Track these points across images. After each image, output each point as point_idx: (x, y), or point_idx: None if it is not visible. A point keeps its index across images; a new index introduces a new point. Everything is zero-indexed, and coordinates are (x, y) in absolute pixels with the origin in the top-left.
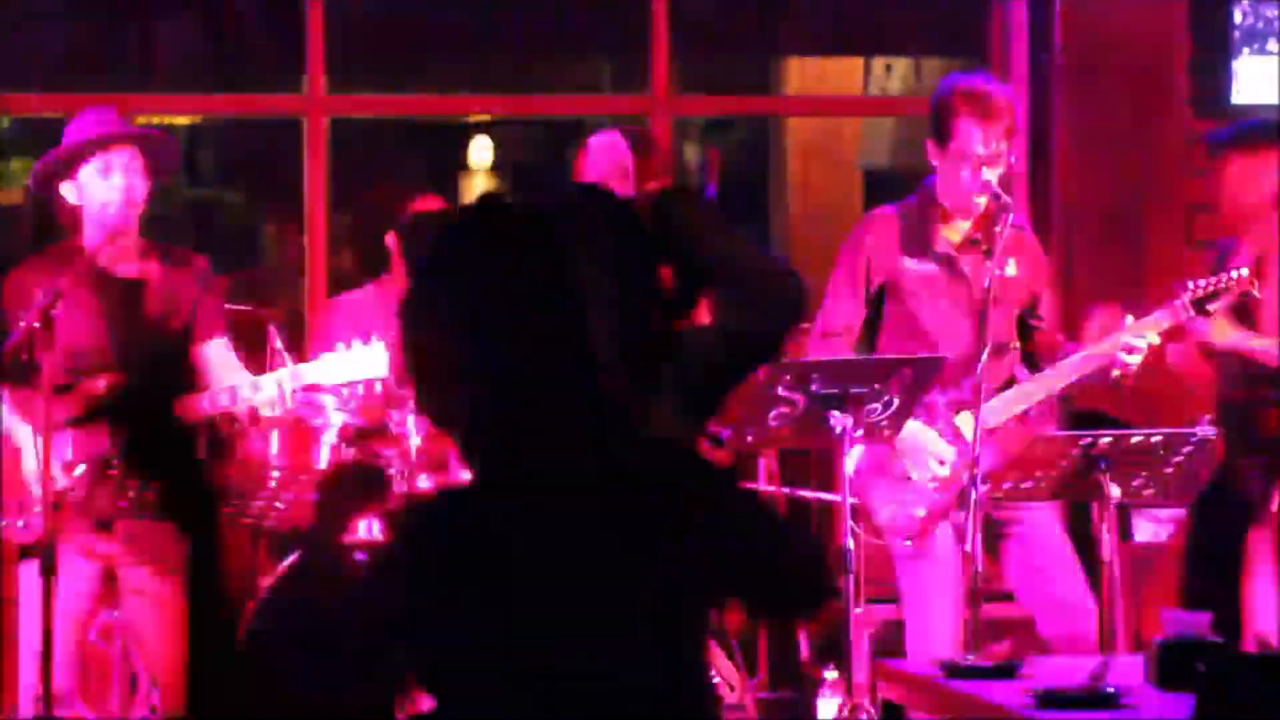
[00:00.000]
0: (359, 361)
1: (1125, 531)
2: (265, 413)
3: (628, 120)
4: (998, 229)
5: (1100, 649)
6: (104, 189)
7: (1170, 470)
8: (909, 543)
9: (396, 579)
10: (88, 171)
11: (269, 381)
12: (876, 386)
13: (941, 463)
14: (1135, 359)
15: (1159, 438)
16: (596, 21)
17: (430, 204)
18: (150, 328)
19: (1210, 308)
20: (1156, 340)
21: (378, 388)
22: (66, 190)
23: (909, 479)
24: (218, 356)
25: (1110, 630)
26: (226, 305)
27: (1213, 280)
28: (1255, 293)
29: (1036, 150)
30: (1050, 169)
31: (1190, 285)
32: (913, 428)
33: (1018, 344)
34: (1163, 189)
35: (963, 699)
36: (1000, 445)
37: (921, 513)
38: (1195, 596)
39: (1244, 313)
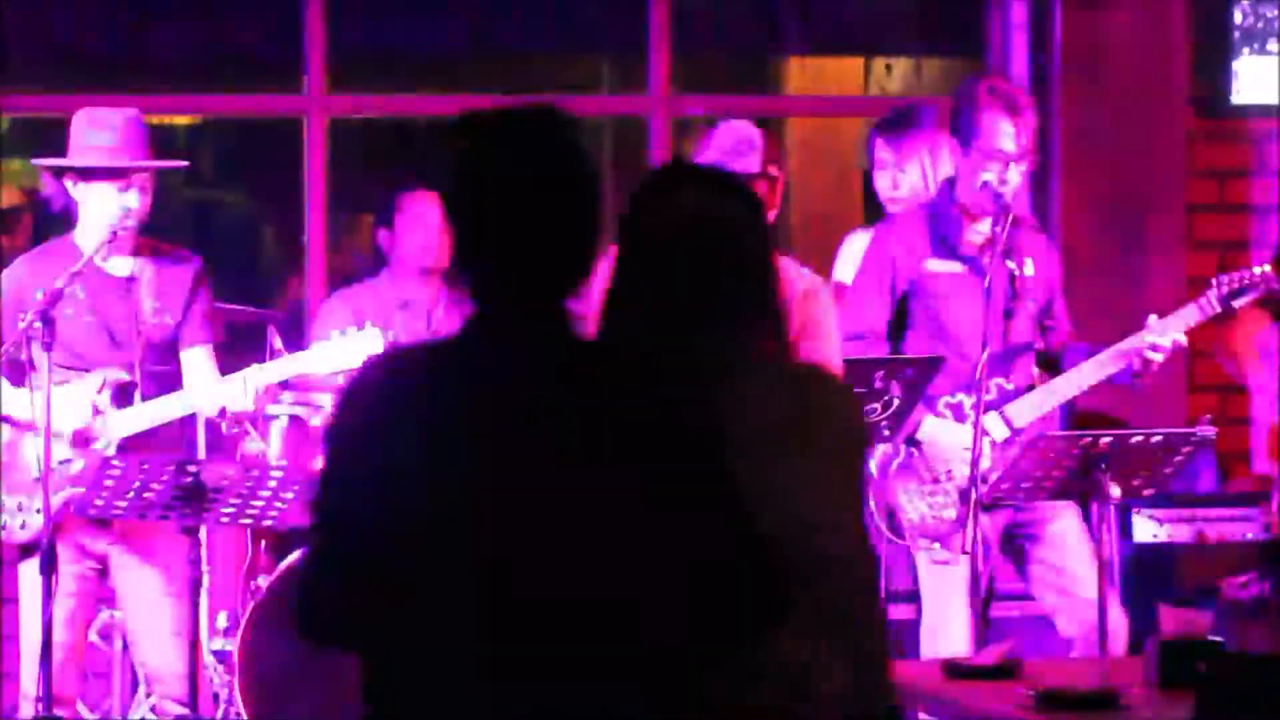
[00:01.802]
0: (355, 348)
1: (1125, 531)
2: (234, 410)
3: (628, 120)
4: (997, 229)
5: (1100, 649)
6: (119, 202)
7: (1170, 470)
8: (937, 546)
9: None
10: (105, 185)
11: (234, 380)
12: (877, 386)
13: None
14: (1159, 357)
15: (1159, 438)
16: (596, 21)
17: (424, 200)
18: (144, 325)
19: (1237, 303)
20: (1183, 339)
21: None
22: (74, 188)
23: (937, 481)
24: (196, 364)
25: (1110, 630)
26: (225, 305)
27: (1239, 275)
28: None
29: (1037, 148)
30: (1050, 169)
31: (1215, 281)
32: (941, 429)
33: (1041, 344)
34: (1163, 189)
35: (963, 699)
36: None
37: (951, 514)
38: None
39: (1273, 306)
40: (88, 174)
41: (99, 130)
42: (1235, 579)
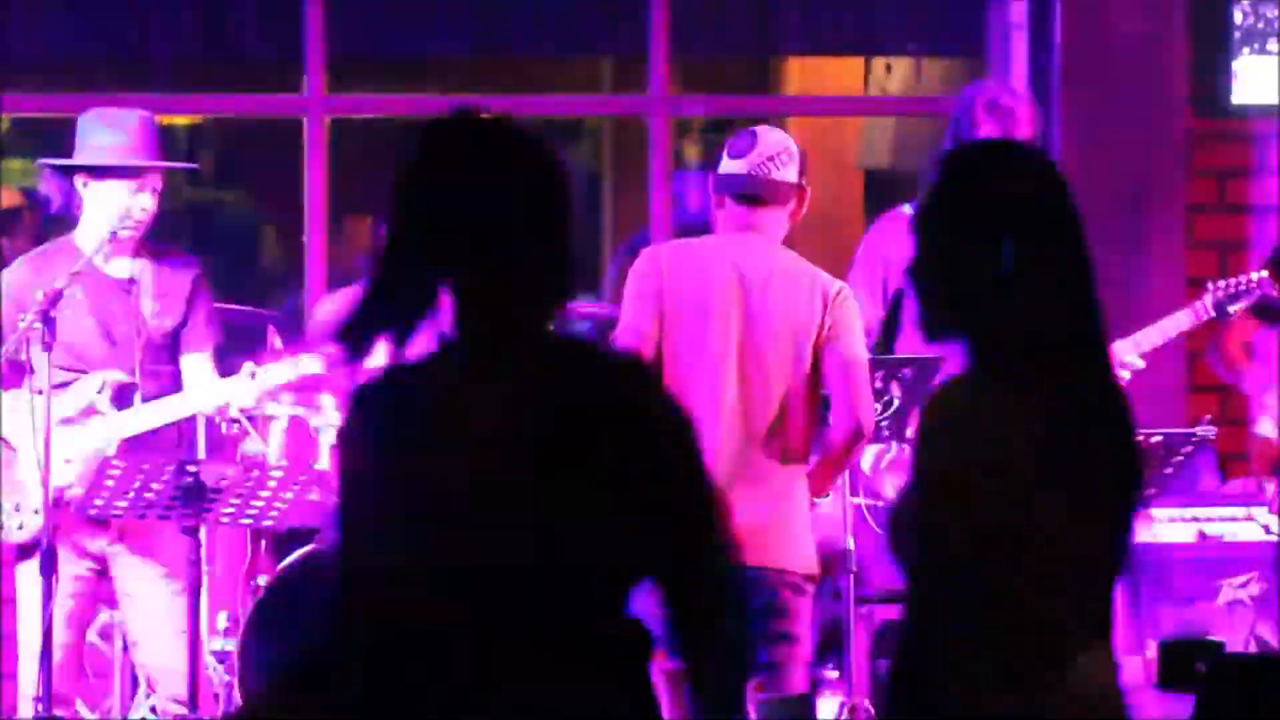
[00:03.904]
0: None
1: None
2: (238, 404)
3: (628, 120)
4: None
5: None
6: (132, 203)
7: (1170, 470)
8: None
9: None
10: (118, 185)
11: (240, 377)
12: (876, 386)
13: None
14: (1125, 374)
15: (1159, 438)
16: (596, 21)
17: None
18: (143, 326)
19: (1231, 309)
20: (1141, 364)
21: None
22: (84, 188)
23: None
24: (197, 368)
25: None
26: (225, 305)
27: (1234, 281)
28: (1275, 294)
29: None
30: None
31: (1211, 286)
32: None
33: None
34: (1163, 189)
35: None
36: None
37: None
38: None
39: (1267, 312)
40: (100, 174)
41: (112, 129)
42: (1235, 579)
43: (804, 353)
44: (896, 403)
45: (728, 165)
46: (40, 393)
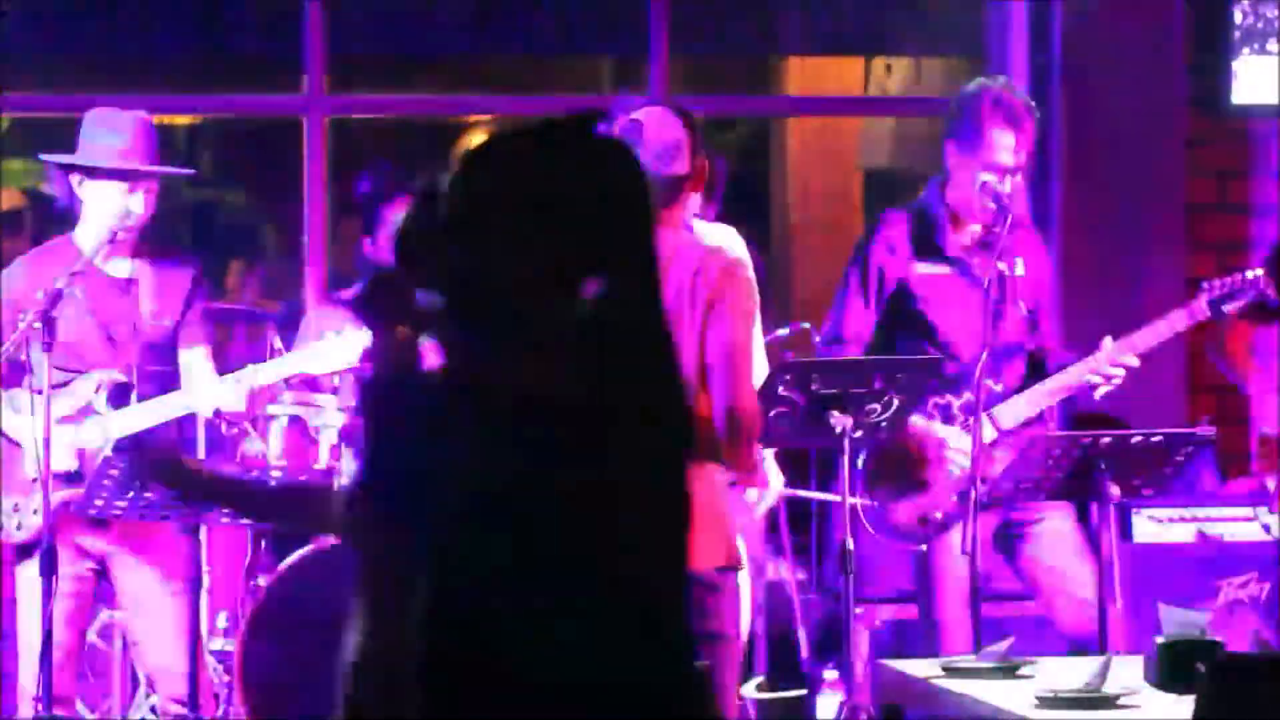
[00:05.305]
0: (350, 349)
1: (1125, 531)
2: (228, 410)
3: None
4: (997, 230)
5: (1100, 649)
6: (124, 204)
7: (1170, 470)
8: (924, 546)
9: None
10: (112, 186)
11: (228, 381)
12: (877, 386)
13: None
14: (1120, 372)
15: (1159, 438)
16: (596, 21)
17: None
18: (142, 326)
19: (1226, 308)
20: (1135, 362)
21: None
22: (79, 186)
23: (924, 480)
24: (195, 365)
25: (1110, 630)
26: (225, 305)
27: (1229, 280)
28: (1272, 293)
29: (1036, 150)
30: (1050, 169)
31: (1207, 286)
32: (930, 429)
33: (1031, 345)
34: (1163, 189)
35: (963, 699)
36: (1015, 447)
37: (938, 515)
38: None
39: (1262, 312)
40: (95, 174)
41: (109, 131)
42: (1235, 579)
43: (689, 341)
44: (898, 403)
45: None
46: (40, 392)
